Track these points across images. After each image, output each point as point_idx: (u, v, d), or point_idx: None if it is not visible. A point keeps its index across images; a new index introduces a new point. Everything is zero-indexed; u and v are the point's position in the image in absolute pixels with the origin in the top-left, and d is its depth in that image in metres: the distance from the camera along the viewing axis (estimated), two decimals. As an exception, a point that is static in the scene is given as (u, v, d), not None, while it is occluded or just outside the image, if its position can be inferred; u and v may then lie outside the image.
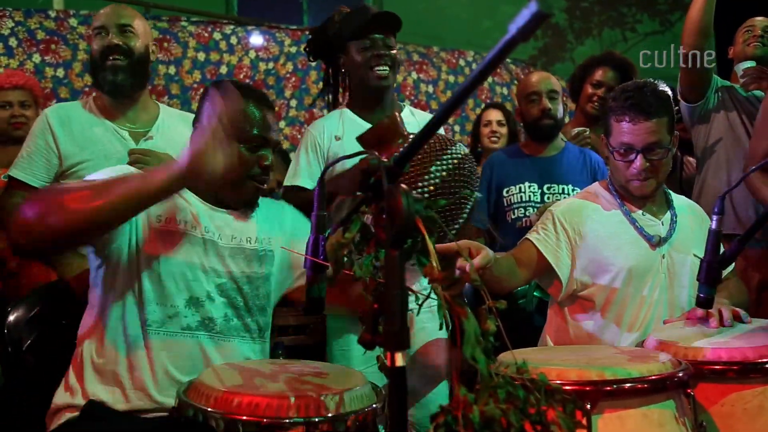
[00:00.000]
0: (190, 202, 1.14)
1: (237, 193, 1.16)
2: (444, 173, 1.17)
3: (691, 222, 1.42)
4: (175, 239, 1.10)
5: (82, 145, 1.51)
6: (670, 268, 1.36)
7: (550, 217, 1.39)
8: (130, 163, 1.41)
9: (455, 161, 1.19)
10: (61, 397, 1.10)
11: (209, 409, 0.86)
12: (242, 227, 1.18)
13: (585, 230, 1.36)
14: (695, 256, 1.35)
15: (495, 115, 2.72)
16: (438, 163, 1.16)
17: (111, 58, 1.51)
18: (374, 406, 0.91)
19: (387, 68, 1.53)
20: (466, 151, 1.25)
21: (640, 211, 1.39)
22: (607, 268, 1.34)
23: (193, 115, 1.78)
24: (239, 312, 1.15)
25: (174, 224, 1.10)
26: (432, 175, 1.16)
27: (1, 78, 2.12)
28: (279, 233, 1.23)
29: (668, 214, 1.41)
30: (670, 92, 1.39)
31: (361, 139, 1.23)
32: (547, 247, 1.35)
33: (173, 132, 1.58)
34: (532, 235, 1.38)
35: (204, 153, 0.92)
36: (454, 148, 1.21)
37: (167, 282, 1.09)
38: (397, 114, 1.27)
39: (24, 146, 1.54)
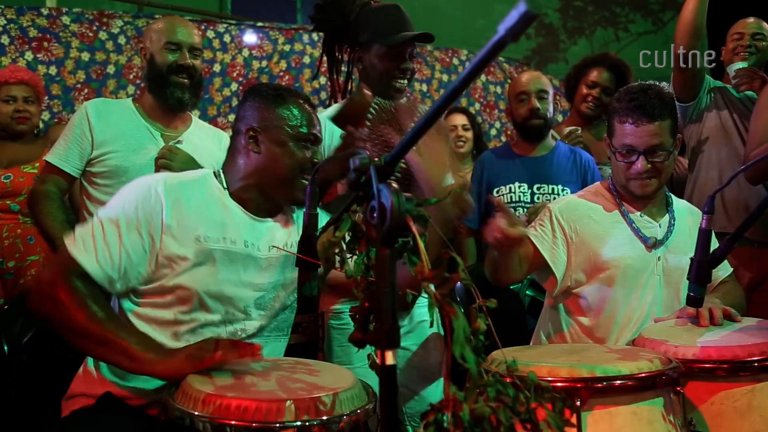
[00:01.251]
0: (231, 215, 1.14)
1: (289, 191, 1.16)
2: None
3: (690, 226, 1.42)
4: (211, 257, 1.09)
5: (115, 135, 1.59)
6: (665, 270, 1.36)
7: (548, 213, 1.40)
8: (158, 159, 1.53)
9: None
10: (77, 384, 1.11)
11: (196, 413, 0.85)
12: (282, 235, 1.18)
13: (582, 228, 1.37)
14: (691, 259, 1.36)
15: (459, 120, 2.71)
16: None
17: (180, 76, 1.60)
18: (367, 407, 0.91)
19: (407, 81, 1.54)
20: None
21: (639, 213, 1.40)
22: (602, 266, 1.35)
23: (222, 131, 1.82)
24: (272, 317, 1.17)
25: (210, 242, 1.10)
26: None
27: (6, 73, 2.14)
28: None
29: (666, 217, 1.42)
30: (672, 93, 1.41)
31: (338, 117, 1.29)
32: (544, 243, 1.36)
33: (201, 143, 1.66)
34: (529, 231, 1.38)
35: (180, 372, 0.96)
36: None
37: (206, 301, 1.09)
38: (365, 92, 1.34)
39: (62, 135, 1.63)
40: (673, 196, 1.48)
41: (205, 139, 1.68)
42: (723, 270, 1.45)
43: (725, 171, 1.99)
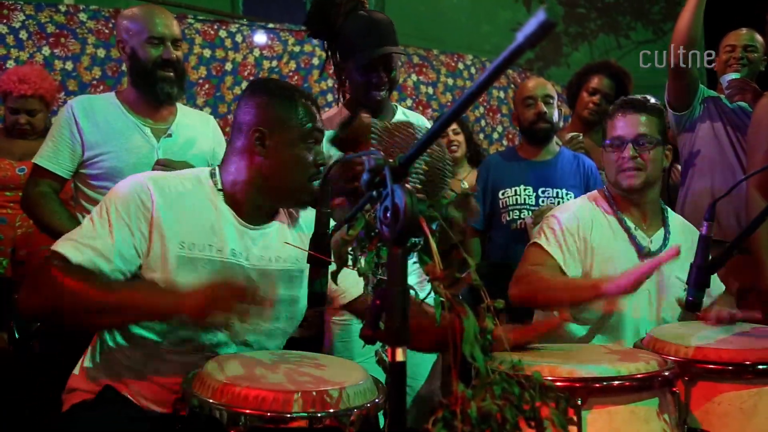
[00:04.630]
0: (221, 221, 1.08)
1: (297, 197, 1.12)
2: (424, 166, 1.24)
3: (683, 243, 1.42)
4: (195, 265, 1.05)
5: (105, 136, 1.55)
6: (656, 284, 1.38)
7: (556, 223, 1.41)
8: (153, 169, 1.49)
9: (436, 155, 1.25)
10: (75, 379, 1.11)
11: (212, 401, 0.87)
12: (274, 246, 1.12)
13: (587, 236, 1.39)
14: (677, 278, 1.38)
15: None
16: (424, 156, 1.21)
17: (166, 70, 1.56)
18: (377, 400, 0.92)
19: (384, 92, 1.53)
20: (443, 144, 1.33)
21: (633, 225, 1.42)
22: (596, 272, 1.36)
23: (208, 115, 1.78)
24: (257, 331, 1.11)
25: (195, 250, 1.06)
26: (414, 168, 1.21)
27: (13, 83, 2.07)
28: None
29: (661, 232, 1.44)
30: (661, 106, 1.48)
31: (335, 139, 1.29)
32: (557, 250, 1.37)
33: (191, 130, 1.63)
34: (540, 240, 1.39)
35: (206, 311, 0.94)
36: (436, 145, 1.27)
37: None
38: (363, 116, 1.31)
39: (49, 136, 1.58)
40: (669, 210, 1.50)
41: (195, 125, 1.65)
42: (716, 289, 1.46)
43: (717, 180, 2.03)
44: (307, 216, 1.19)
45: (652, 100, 1.44)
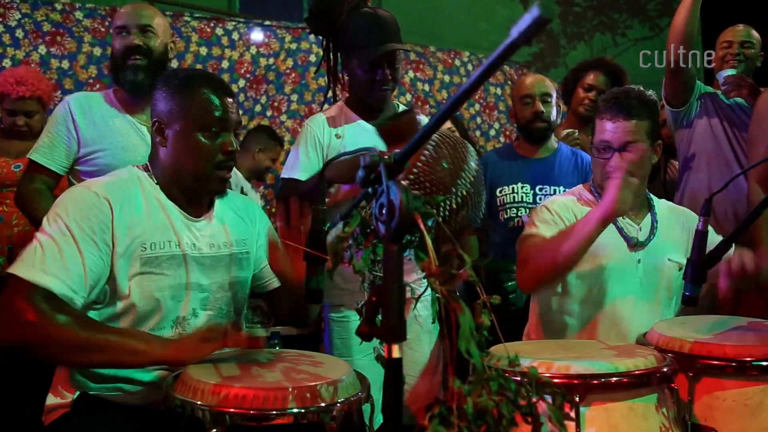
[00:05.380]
0: (170, 216, 1.11)
1: (204, 185, 1.12)
2: (468, 185, 1.18)
3: (672, 224, 1.44)
4: (159, 263, 1.07)
5: (101, 134, 1.54)
6: (647, 272, 1.38)
7: (546, 210, 1.41)
8: None
9: (473, 172, 1.20)
10: (51, 399, 1.09)
11: (198, 402, 0.86)
12: (219, 232, 1.16)
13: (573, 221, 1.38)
14: (669, 260, 1.38)
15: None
16: (463, 175, 1.17)
17: (132, 58, 1.54)
18: (359, 394, 0.92)
19: (388, 89, 1.53)
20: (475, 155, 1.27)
21: (622, 216, 1.41)
22: (585, 259, 1.35)
23: None
24: (221, 319, 1.14)
25: (156, 249, 1.07)
26: (458, 187, 1.16)
27: (10, 85, 2.06)
28: (253, 232, 1.22)
29: (648, 218, 1.43)
30: (656, 99, 1.44)
31: (380, 127, 1.26)
32: (553, 231, 1.35)
33: None
34: (532, 230, 1.39)
35: (190, 359, 0.96)
36: (470, 157, 1.22)
37: (155, 308, 1.07)
38: (415, 113, 1.29)
39: (45, 131, 1.57)
40: (654, 198, 1.49)
41: None
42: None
43: (714, 175, 2.04)
44: (233, 204, 1.22)
45: (647, 95, 1.40)
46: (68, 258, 0.98)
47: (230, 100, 1.12)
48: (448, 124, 2.70)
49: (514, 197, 1.96)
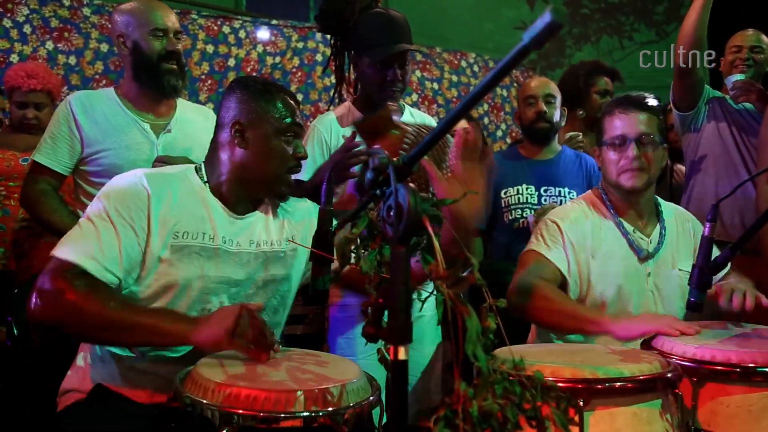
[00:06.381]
0: (210, 210, 1.13)
1: (274, 187, 1.16)
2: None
3: (678, 230, 1.43)
4: (189, 252, 1.09)
5: (105, 133, 1.54)
6: (657, 285, 1.38)
7: (556, 228, 1.39)
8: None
9: None
10: (69, 380, 1.12)
11: (204, 401, 0.86)
12: (264, 230, 1.17)
13: (585, 242, 1.38)
14: (681, 270, 1.38)
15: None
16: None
17: (171, 63, 1.56)
18: (371, 398, 0.92)
19: (398, 90, 1.53)
20: None
21: (632, 228, 1.41)
22: (598, 280, 1.36)
23: (209, 109, 1.77)
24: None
25: (188, 238, 1.09)
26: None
27: (20, 78, 2.09)
28: (303, 230, 1.22)
29: (657, 228, 1.43)
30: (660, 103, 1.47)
31: (356, 123, 1.29)
32: (559, 258, 1.36)
33: (190, 125, 1.63)
34: (539, 247, 1.37)
35: (219, 344, 0.97)
36: None
37: (181, 296, 1.09)
38: (390, 106, 1.32)
39: (47, 132, 1.57)
40: (662, 202, 1.48)
41: (195, 120, 1.65)
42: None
43: (721, 180, 2.03)
44: (288, 206, 1.23)
45: (651, 99, 1.41)
46: (105, 240, 1.02)
47: (300, 111, 1.19)
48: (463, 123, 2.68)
49: (518, 198, 1.97)
